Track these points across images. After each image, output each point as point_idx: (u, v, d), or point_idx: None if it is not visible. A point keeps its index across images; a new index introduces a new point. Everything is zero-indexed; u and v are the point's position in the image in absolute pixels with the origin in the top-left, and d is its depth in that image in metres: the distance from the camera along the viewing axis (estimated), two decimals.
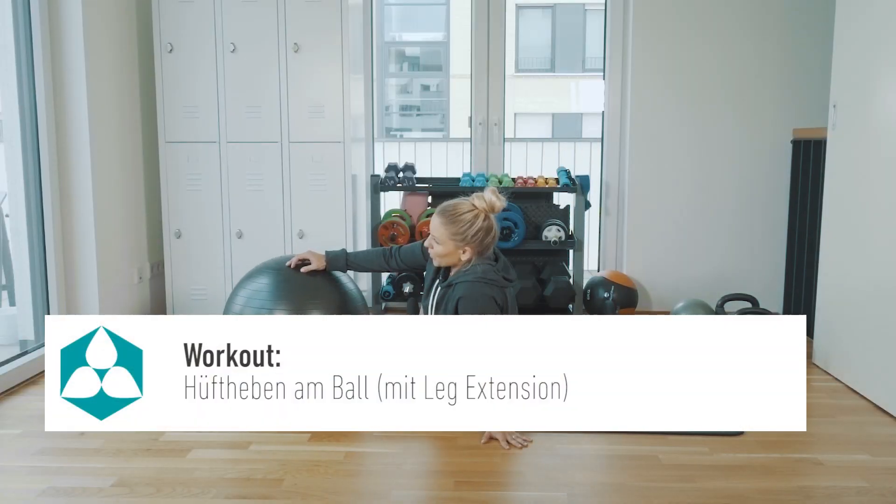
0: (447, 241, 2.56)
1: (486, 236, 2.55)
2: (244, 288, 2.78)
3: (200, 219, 3.77)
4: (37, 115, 3.26)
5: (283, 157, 3.73)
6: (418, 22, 18.39)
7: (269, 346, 2.14)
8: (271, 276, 2.77)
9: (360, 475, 2.29)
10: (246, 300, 2.73)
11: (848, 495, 2.17)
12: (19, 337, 3.37)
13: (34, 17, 3.21)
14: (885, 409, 2.85)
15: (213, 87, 3.69)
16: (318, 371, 2.14)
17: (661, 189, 4.26)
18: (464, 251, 2.56)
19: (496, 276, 2.56)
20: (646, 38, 4.17)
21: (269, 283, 2.74)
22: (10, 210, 3.33)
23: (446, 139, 13.40)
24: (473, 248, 2.55)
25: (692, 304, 3.83)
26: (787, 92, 4.16)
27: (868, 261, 2.98)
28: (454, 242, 2.55)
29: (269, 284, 2.74)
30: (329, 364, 2.14)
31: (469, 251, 2.56)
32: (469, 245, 2.55)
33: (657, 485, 2.23)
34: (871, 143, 2.97)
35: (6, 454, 2.44)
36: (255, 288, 2.75)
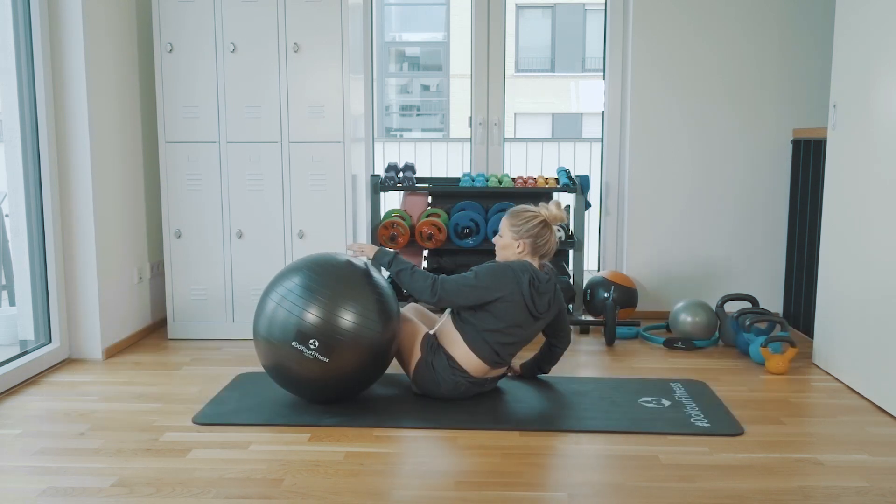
0: (506, 231, 2.89)
1: (539, 238, 2.85)
2: (277, 286, 2.73)
3: (200, 219, 3.77)
4: (37, 115, 3.26)
5: (283, 157, 3.72)
6: (418, 22, 18.41)
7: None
8: (304, 275, 2.72)
9: (360, 475, 2.29)
10: (279, 299, 2.69)
11: (848, 495, 2.17)
12: (19, 337, 3.37)
13: (34, 16, 3.21)
14: (885, 409, 2.85)
15: (212, 87, 3.69)
16: None
17: (661, 189, 4.26)
18: (519, 245, 2.85)
19: (530, 269, 2.81)
20: (646, 38, 4.17)
21: (302, 283, 2.69)
22: (10, 210, 3.33)
23: (446, 139, 13.43)
24: (527, 245, 2.85)
25: (692, 304, 3.83)
26: (787, 92, 4.17)
27: (868, 261, 2.98)
28: (511, 234, 2.87)
29: (301, 284, 2.69)
30: None
31: (523, 247, 2.86)
32: (523, 240, 2.85)
33: (657, 485, 2.23)
34: (871, 143, 2.97)
35: (6, 454, 2.44)
36: (288, 287, 2.70)
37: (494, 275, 2.80)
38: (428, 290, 2.79)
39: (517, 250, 2.87)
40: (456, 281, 2.80)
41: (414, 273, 2.83)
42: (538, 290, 2.81)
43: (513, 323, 2.80)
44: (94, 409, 2.83)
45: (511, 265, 2.82)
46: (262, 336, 2.73)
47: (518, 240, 2.85)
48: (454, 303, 2.81)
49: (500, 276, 2.79)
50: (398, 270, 2.85)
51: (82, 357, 3.47)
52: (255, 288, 3.78)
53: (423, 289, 2.80)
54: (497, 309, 2.78)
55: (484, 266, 2.85)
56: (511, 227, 2.87)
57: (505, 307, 2.78)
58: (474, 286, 2.78)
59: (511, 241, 2.87)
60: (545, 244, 2.88)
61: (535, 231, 2.84)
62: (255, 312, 2.80)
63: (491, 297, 2.77)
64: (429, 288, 2.79)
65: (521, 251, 2.86)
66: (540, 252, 2.88)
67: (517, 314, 2.80)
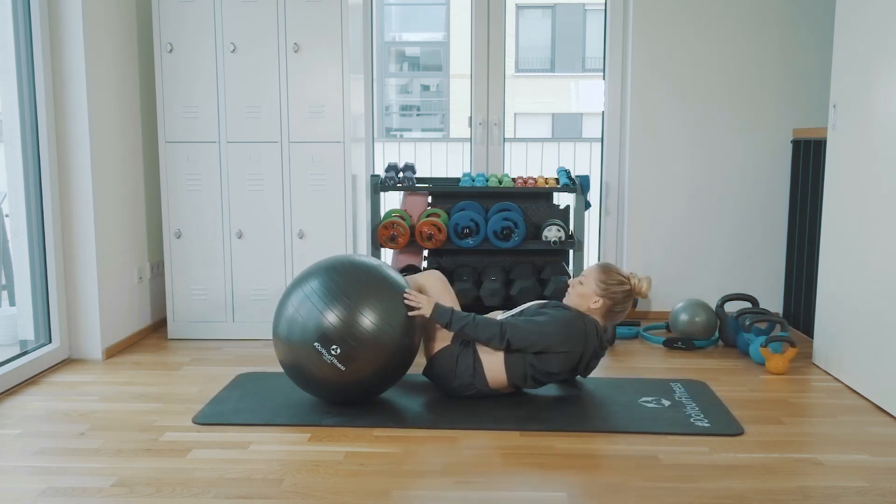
0: (591, 283, 2.85)
1: (618, 304, 2.84)
2: (297, 289, 2.73)
3: (200, 219, 3.77)
4: (37, 115, 3.26)
5: (283, 157, 3.72)
6: (418, 22, 18.41)
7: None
8: (323, 277, 2.71)
9: (360, 475, 2.29)
10: (299, 302, 2.69)
11: (848, 495, 2.17)
12: (19, 337, 3.37)
13: (34, 16, 3.21)
14: (885, 409, 2.85)
15: (212, 87, 3.69)
16: None
17: (661, 189, 4.26)
18: (597, 302, 2.83)
19: (600, 333, 2.82)
20: (646, 38, 4.17)
21: (322, 285, 2.68)
22: (10, 210, 3.33)
23: (446, 139, 13.43)
24: (605, 305, 2.83)
25: (692, 304, 3.83)
26: (787, 92, 4.17)
27: (868, 261, 2.98)
28: (595, 287, 2.83)
29: (321, 286, 2.68)
30: None
31: (601, 305, 2.83)
32: (604, 299, 2.82)
33: (657, 485, 2.23)
34: (871, 143, 2.97)
35: (6, 454, 2.44)
36: (307, 290, 2.70)
37: (568, 331, 2.76)
38: (496, 338, 2.73)
39: (592, 304, 2.83)
40: (526, 327, 2.74)
41: (477, 324, 2.75)
42: (596, 356, 2.82)
43: (557, 371, 2.81)
44: (94, 409, 2.83)
45: (585, 323, 2.79)
46: (282, 336, 2.73)
47: (599, 296, 2.82)
48: (522, 348, 2.75)
49: (572, 334, 2.76)
50: (461, 327, 2.76)
51: (82, 357, 3.47)
52: (255, 288, 3.79)
53: (490, 337, 2.74)
54: (552, 357, 2.77)
55: (559, 316, 2.79)
56: (598, 282, 2.83)
57: (560, 359, 2.77)
58: (544, 334, 2.74)
59: (592, 293, 2.84)
60: (620, 312, 2.87)
61: (618, 297, 2.83)
62: (275, 311, 2.80)
63: (556, 349, 2.75)
64: (497, 336, 2.73)
65: (596, 308, 2.83)
66: (612, 317, 2.88)
67: (566, 366, 2.80)
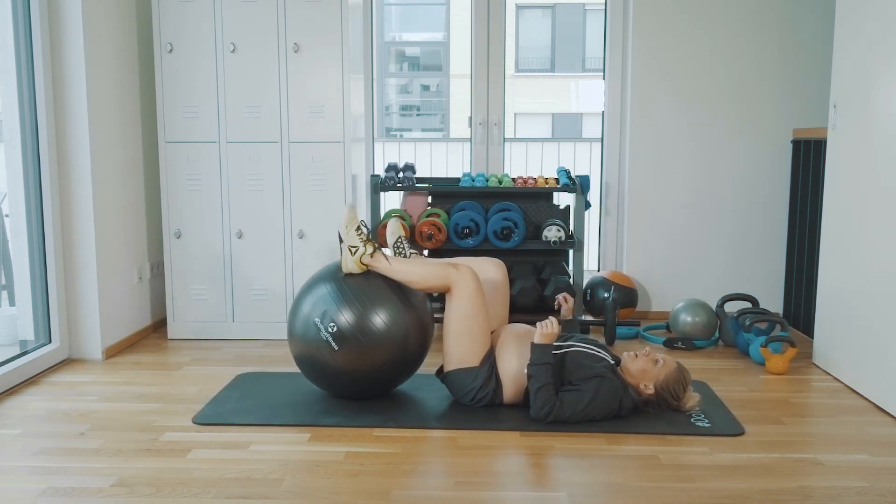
0: (663, 373, 2.76)
1: (662, 402, 2.76)
2: (308, 294, 2.80)
3: (200, 219, 3.77)
4: (37, 115, 3.26)
5: (283, 157, 3.72)
6: (418, 22, 18.42)
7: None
8: (334, 282, 2.77)
9: (360, 475, 2.29)
10: (312, 306, 2.75)
11: (848, 495, 2.17)
12: (19, 337, 3.37)
13: (34, 17, 3.21)
14: (885, 409, 2.85)
15: (212, 87, 3.69)
16: None
17: (661, 189, 4.26)
18: (649, 387, 2.75)
19: (636, 404, 2.76)
20: (646, 38, 4.17)
21: (333, 290, 2.75)
22: (10, 210, 3.33)
23: (446, 139, 13.44)
24: (655, 392, 2.75)
25: (692, 304, 3.83)
26: (787, 92, 4.17)
27: (868, 261, 2.98)
28: (662, 380, 2.75)
29: (332, 291, 2.74)
30: None
31: (651, 391, 2.75)
32: (656, 390, 2.74)
33: (657, 485, 2.23)
34: (871, 143, 2.97)
35: (6, 454, 2.44)
36: (319, 294, 2.76)
37: (608, 403, 2.68)
38: (542, 412, 2.65)
39: (644, 384, 2.74)
40: (573, 407, 2.65)
41: (539, 389, 2.65)
42: (619, 416, 2.75)
43: (573, 420, 2.71)
44: (94, 409, 2.83)
45: (627, 396, 2.72)
46: (297, 335, 2.81)
47: (655, 384, 2.73)
48: (563, 421, 2.68)
49: (610, 403, 2.69)
50: (538, 385, 2.66)
51: (82, 357, 3.47)
52: (255, 288, 3.79)
53: (539, 406, 2.66)
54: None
55: (607, 389, 2.68)
56: (667, 379, 2.73)
57: (589, 412, 2.71)
58: (587, 413, 2.66)
59: (653, 381, 2.74)
60: (655, 406, 2.77)
61: (667, 395, 2.74)
62: (289, 313, 2.88)
63: (590, 416, 2.70)
64: (547, 407, 2.64)
65: (645, 389, 2.75)
66: (647, 405, 2.77)
67: (584, 418, 2.73)
